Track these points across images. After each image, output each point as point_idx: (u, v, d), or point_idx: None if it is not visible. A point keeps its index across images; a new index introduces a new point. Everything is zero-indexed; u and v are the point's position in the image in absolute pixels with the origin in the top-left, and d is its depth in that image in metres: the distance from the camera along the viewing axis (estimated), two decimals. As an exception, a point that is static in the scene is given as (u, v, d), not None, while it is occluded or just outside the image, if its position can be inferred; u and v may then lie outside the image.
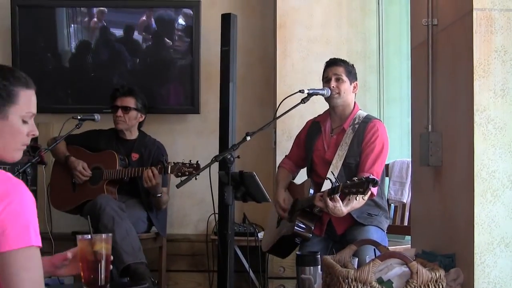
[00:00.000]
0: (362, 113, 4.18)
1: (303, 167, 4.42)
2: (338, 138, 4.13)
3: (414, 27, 3.36)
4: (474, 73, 2.60)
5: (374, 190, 3.84)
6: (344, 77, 4.11)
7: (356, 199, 3.64)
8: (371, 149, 4.00)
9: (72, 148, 5.05)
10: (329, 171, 3.97)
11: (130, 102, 4.98)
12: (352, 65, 4.22)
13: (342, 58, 4.24)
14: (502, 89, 2.60)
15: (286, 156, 4.49)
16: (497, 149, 2.58)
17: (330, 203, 3.67)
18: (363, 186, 3.43)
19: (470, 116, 2.60)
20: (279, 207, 4.17)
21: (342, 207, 3.69)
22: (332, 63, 4.18)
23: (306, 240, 3.97)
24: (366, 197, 3.63)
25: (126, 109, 4.96)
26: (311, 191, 3.99)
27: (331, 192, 3.66)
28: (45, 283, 5.32)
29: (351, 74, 4.15)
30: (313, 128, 4.31)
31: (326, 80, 4.15)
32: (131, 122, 5.01)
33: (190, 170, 4.49)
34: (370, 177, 3.46)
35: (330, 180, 3.71)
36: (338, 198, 3.66)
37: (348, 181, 3.56)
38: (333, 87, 4.09)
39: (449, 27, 2.87)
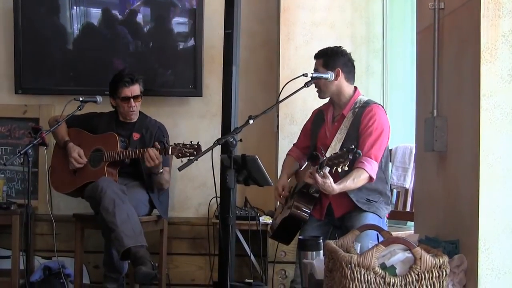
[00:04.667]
0: (363, 98, 4.15)
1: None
2: (339, 124, 4.11)
3: (420, 11, 3.32)
4: (481, 58, 2.57)
5: (373, 174, 3.86)
6: (321, 70, 4.08)
7: (347, 181, 3.71)
8: (369, 133, 3.97)
9: (73, 130, 5.03)
10: (323, 151, 3.94)
11: (137, 89, 4.96)
12: (336, 51, 4.14)
13: (327, 48, 4.19)
14: (509, 74, 2.56)
15: (294, 144, 4.47)
16: (504, 134, 2.55)
17: (319, 178, 3.68)
18: (343, 156, 3.46)
19: (476, 101, 2.57)
20: (276, 193, 4.18)
21: (332, 184, 3.70)
22: (314, 57, 4.18)
23: (303, 221, 3.96)
24: (347, 168, 3.61)
25: (137, 98, 4.95)
26: None
27: (319, 167, 3.66)
28: (46, 265, 5.36)
29: (329, 64, 4.09)
30: (318, 117, 4.30)
31: None
32: (139, 108, 5.02)
33: (191, 151, 4.48)
34: (351, 147, 3.45)
35: (318, 156, 3.70)
36: (328, 174, 3.67)
37: (332, 154, 3.56)
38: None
39: (456, 11, 2.84)
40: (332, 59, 4.12)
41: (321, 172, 3.66)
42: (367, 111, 4.03)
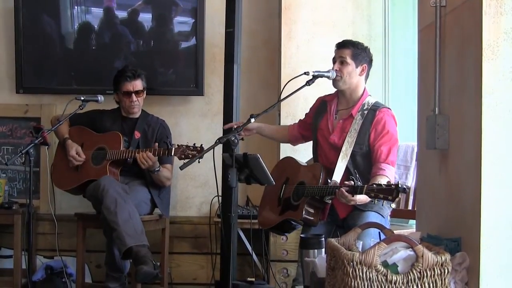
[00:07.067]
0: (371, 99, 4.14)
1: (302, 142, 4.46)
2: (345, 124, 4.10)
3: (421, 9, 3.31)
4: (483, 55, 2.55)
5: (393, 179, 3.90)
6: (349, 60, 4.07)
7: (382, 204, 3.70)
8: (384, 141, 3.99)
9: (76, 128, 5.04)
10: (352, 176, 3.90)
11: (140, 84, 4.97)
12: (365, 48, 4.16)
13: (354, 40, 4.19)
14: (511, 71, 2.56)
15: (299, 120, 4.51)
16: (506, 132, 2.54)
17: (355, 199, 3.70)
18: (392, 193, 3.43)
19: (478, 98, 2.56)
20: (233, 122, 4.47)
21: (364, 198, 3.72)
22: (340, 46, 4.14)
23: (313, 226, 3.96)
24: (393, 205, 3.66)
25: (139, 93, 4.95)
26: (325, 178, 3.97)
27: (352, 191, 3.64)
28: (48, 265, 5.36)
29: (359, 57, 4.09)
30: (321, 106, 4.31)
31: (333, 62, 4.12)
32: (142, 103, 5.01)
33: (193, 153, 4.48)
34: (399, 185, 3.42)
35: (353, 180, 3.66)
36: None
37: (374, 184, 3.54)
38: (336, 69, 4.06)
39: (458, 8, 2.83)
40: (362, 53, 4.13)
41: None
42: (379, 118, 4.03)
